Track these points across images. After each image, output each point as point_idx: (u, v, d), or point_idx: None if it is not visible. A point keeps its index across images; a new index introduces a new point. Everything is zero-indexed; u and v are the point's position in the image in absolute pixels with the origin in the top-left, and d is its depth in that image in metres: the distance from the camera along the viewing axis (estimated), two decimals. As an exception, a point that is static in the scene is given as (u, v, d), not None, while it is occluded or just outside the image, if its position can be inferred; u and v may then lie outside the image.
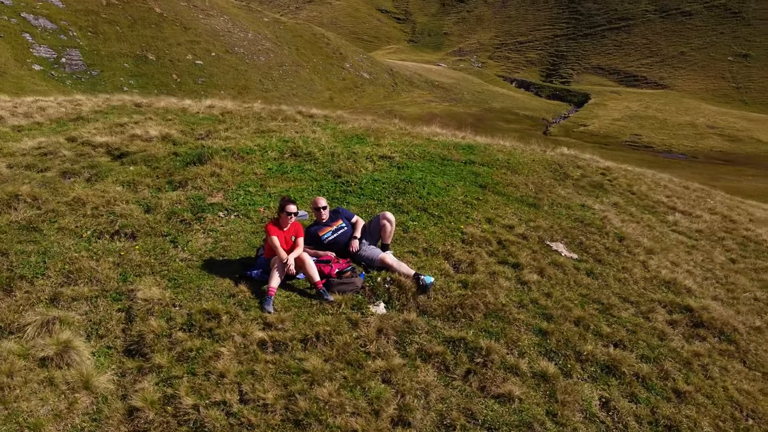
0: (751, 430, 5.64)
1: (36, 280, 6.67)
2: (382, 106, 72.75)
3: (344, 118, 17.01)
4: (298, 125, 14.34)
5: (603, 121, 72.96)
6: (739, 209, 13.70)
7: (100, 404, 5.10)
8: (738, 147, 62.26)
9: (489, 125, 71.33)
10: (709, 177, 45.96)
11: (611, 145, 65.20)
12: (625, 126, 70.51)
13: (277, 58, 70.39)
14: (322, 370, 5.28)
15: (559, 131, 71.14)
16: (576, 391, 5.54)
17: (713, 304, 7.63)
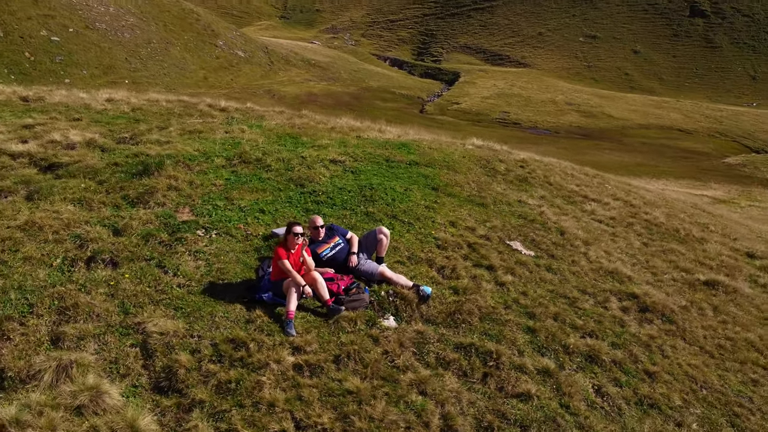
0: (707, 398, 6.82)
1: (26, 320, 6.35)
2: (260, 85, 71.15)
3: (257, 111, 16.87)
4: (221, 123, 14.11)
5: (474, 99, 76.52)
6: (633, 193, 15.51)
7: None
8: (593, 122, 68.22)
9: (367, 104, 72.33)
10: (574, 152, 50.22)
11: (483, 122, 68.78)
12: (495, 104, 74.51)
13: (144, 35, 66.13)
14: (365, 389, 5.66)
15: (435, 109, 73.68)
16: (575, 382, 6.38)
17: (650, 289, 8.89)
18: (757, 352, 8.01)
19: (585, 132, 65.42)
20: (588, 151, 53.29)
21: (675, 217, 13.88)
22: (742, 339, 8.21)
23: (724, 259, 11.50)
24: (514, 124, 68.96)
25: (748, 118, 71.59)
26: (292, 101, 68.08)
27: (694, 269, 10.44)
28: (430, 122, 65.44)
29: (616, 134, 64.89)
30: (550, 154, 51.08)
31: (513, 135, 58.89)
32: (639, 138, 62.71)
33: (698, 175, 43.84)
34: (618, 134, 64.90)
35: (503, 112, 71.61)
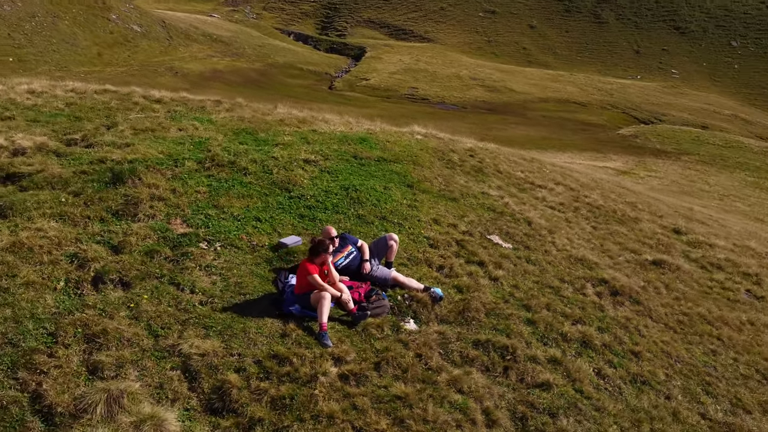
0: (683, 371, 7.86)
1: (54, 350, 6.24)
2: (161, 62, 67.89)
3: (193, 102, 16.49)
4: (167, 119, 13.74)
5: (381, 74, 77.00)
6: (568, 176, 16.72)
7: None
8: (497, 97, 70.81)
9: (275, 81, 71.04)
10: (483, 127, 52.12)
11: (393, 98, 69.57)
12: (402, 79, 75.38)
13: (26, 8, 60.94)
14: (411, 393, 6.12)
15: (344, 86, 73.54)
16: (579, 368, 7.17)
17: (614, 272, 9.90)
18: (710, 325, 9.22)
19: (490, 107, 67.79)
20: (496, 125, 55.38)
21: (608, 198, 15.18)
22: (695, 314, 9.40)
23: (660, 237, 12.84)
24: (422, 100, 70.20)
25: (634, 90, 77.02)
26: (197, 79, 65.57)
27: (640, 249, 11.63)
28: (340, 99, 65.36)
29: (519, 108, 67.78)
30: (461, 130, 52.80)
31: (423, 111, 60.11)
32: (540, 111, 65.85)
33: (598, 147, 46.96)
34: (521, 108, 67.81)
35: (411, 87, 72.63)
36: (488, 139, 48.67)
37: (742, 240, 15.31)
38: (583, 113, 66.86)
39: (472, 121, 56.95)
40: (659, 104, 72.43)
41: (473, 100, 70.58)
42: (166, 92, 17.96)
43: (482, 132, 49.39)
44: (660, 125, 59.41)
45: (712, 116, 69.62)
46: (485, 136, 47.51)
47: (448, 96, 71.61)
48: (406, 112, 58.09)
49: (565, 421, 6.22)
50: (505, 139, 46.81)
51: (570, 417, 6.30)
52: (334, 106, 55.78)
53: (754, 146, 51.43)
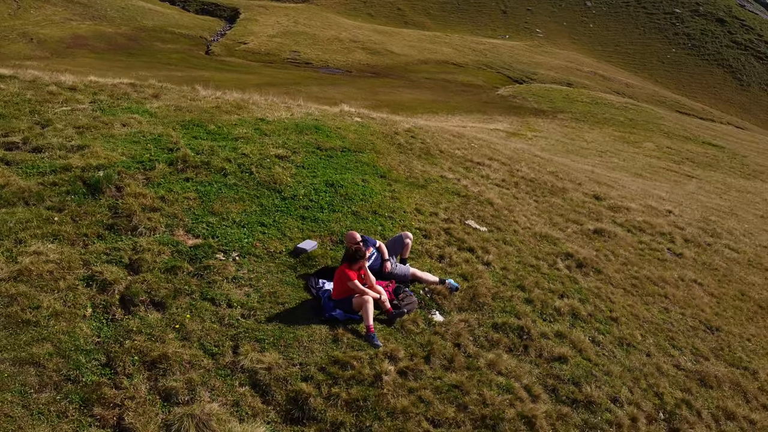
0: (651, 329, 9.28)
1: (118, 381, 6.29)
2: (12, 27, 61.37)
3: (106, 86, 15.75)
4: (98, 111, 13.15)
5: (260, 38, 74.81)
6: (489, 149, 17.94)
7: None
8: (380, 60, 71.53)
9: (147, 47, 66.75)
10: (373, 92, 52.84)
11: (275, 63, 68.08)
12: (283, 43, 73.76)
13: None
14: (464, 381, 6.88)
15: (222, 51, 70.71)
16: (579, 338, 8.30)
17: (572, 245, 11.19)
18: (655, 285, 10.80)
19: (374, 70, 68.43)
20: (384, 89, 56.22)
21: (535, 170, 16.61)
22: (643, 276, 10.95)
23: (589, 206, 14.43)
24: (306, 64, 69.31)
25: (505, 50, 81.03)
26: (58, 46, 60.09)
27: (580, 220, 13.08)
28: (222, 66, 63.02)
29: (402, 71, 69.06)
30: (353, 95, 53.19)
31: (310, 76, 59.59)
32: (422, 74, 67.55)
33: (483, 109, 49.40)
34: (403, 71, 69.11)
35: (293, 51, 71.33)
36: (382, 104, 49.65)
37: (644, 200, 17.45)
38: (462, 74, 69.47)
39: (361, 86, 57.36)
40: (528, 63, 76.92)
41: (357, 64, 70.78)
42: (71, 76, 16.81)
43: (374, 97, 50.13)
44: (533, 85, 63.24)
45: (575, 74, 75.13)
46: (378, 101, 48.36)
47: (331, 60, 71.18)
48: (294, 78, 57.28)
49: (588, 388, 7.32)
50: (397, 104, 47.86)
51: (591, 384, 7.41)
52: (217, 73, 53.76)
53: (616, 102, 56.51)
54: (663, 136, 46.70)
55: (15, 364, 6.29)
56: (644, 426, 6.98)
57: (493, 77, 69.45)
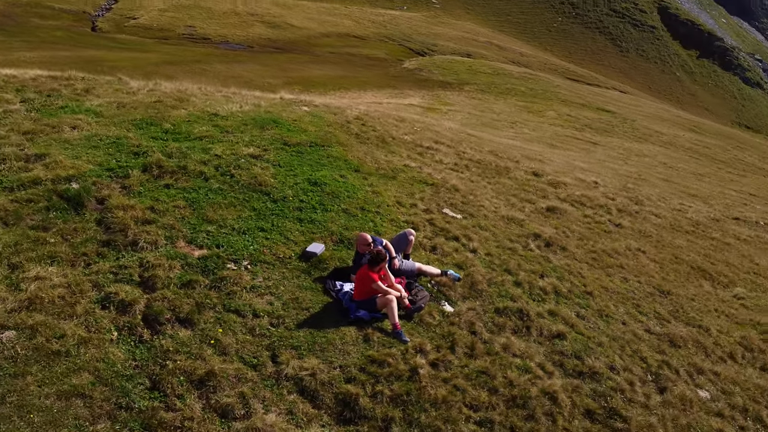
0: (619, 298, 10.36)
1: (171, 403, 6.38)
2: None
3: (26, 81, 14.92)
4: (35, 111, 12.54)
5: (151, 12, 70.92)
6: (431, 131, 18.59)
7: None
8: (281, 34, 70.05)
9: (23, 23, 61.51)
10: (280, 69, 51.99)
11: (171, 39, 64.93)
12: (176, 17, 70.37)
13: None
14: (487, 366, 7.52)
15: (111, 26, 66.42)
16: (567, 314, 9.18)
17: (536, 225, 12.09)
18: (610, 257, 11.96)
19: (277, 45, 66.97)
20: (292, 66, 55.40)
21: (477, 150, 17.46)
22: (599, 249, 12.08)
23: (534, 184, 15.47)
24: (204, 40, 66.61)
25: (404, 21, 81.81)
26: None
27: (532, 199, 14.07)
28: (114, 44, 59.31)
29: (305, 45, 68.10)
30: (261, 73, 52.12)
31: (210, 53, 57.47)
32: (326, 48, 66.97)
33: (393, 83, 50.01)
34: (306, 45, 68.16)
35: (188, 26, 68.25)
36: (293, 82, 49.01)
37: (573, 173, 18.85)
38: (365, 48, 69.53)
39: (267, 63, 56.15)
40: (427, 35, 78.17)
41: (258, 38, 68.93)
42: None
43: (284, 75, 49.35)
44: (436, 57, 64.53)
45: (472, 44, 77.35)
46: (290, 79, 47.70)
47: (230, 35, 68.86)
48: (195, 56, 55.09)
49: (589, 360, 8.21)
50: (308, 81, 47.47)
51: (590, 356, 8.30)
52: (110, 52, 50.59)
53: (515, 72, 59.03)
54: (561, 104, 49.47)
55: (61, 398, 6.21)
56: (640, 388, 7.98)
57: (396, 50, 70.07)
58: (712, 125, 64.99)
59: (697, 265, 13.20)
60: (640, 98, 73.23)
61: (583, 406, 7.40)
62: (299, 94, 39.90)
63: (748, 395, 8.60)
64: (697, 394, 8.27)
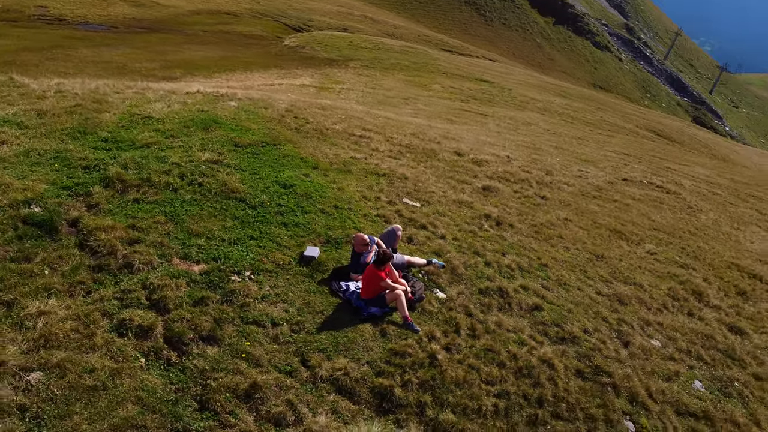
0: (568, 267, 11.64)
1: (224, 421, 6.63)
2: None
3: None
4: None
5: (-9, -9, 63.97)
6: (356, 119, 19.04)
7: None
8: (146, 12, 66.01)
9: None
10: (156, 51, 49.43)
11: (21, 21, 59.18)
12: (24, -4, 64.05)
13: None
14: (491, 344, 8.38)
15: (-55, 10, 59.25)
16: (535, 287, 10.27)
17: (483, 206, 13.10)
18: (549, 229, 13.26)
19: (143, 25, 63.13)
20: (167, 48, 52.78)
21: (403, 135, 18.18)
22: (538, 223, 13.34)
23: (462, 164, 16.51)
24: (60, 21, 61.32)
25: (276, -5, 79.96)
26: None
27: (466, 179, 15.09)
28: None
29: (174, 24, 64.82)
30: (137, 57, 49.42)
31: (71, 36, 53.20)
32: (198, 26, 64.17)
33: (278, 63, 49.28)
34: (175, 23, 64.90)
35: (40, 6, 62.39)
36: (173, 65, 46.94)
37: (486, 148, 20.19)
38: (240, 25, 67.47)
39: (139, 45, 53.01)
40: (302, 9, 77.22)
41: (121, 18, 64.57)
42: None
43: (162, 58, 47.04)
44: (315, 33, 64.13)
45: (348, 18, 77.54)
46: (169, 62, 45.62)
47: (90, 14, 63.92)
48: (55, 40, 50.86)
49: (566, 326, 9.33)
50: (190, 64, 45.64)
51: (567, 323, 9.44)
52: None
53: (395, 46, 60.24)
54: (444, 76, 51.40)
55: (115, 431, 6.22)
56: (611, 345, 9.25)
57: (272, 26, 68.63)
58: (574, 89, 70.55)
59: (613, 228, 14.94)
60: (508, 66, 77.62)
61: (573, 367, 8.52)
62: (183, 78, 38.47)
63: (687, 339, 10.23)
64: (651, 344, 9.72)
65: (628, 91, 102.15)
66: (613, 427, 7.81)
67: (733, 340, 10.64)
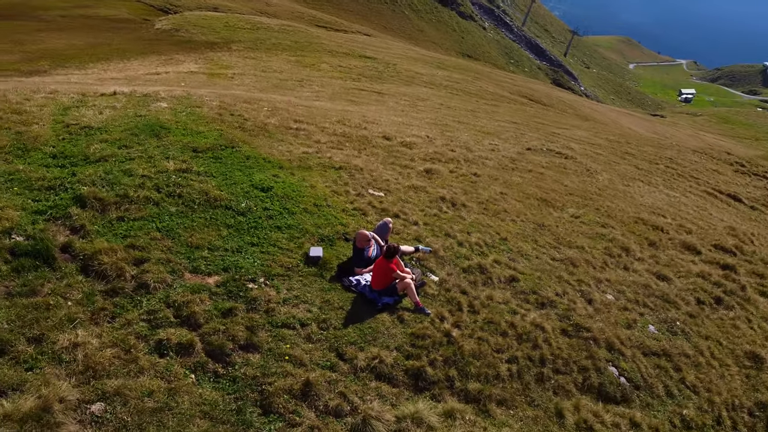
0: (522, 238, 12.92)
1: (291, 420, 7.13)
2: None
3: None
4: None
5: None
6: (286, 111, 19.15)
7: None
8: (-10, -3, 59.65)
9: None
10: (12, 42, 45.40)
11: None
12: None
13: None
14: (494, 317, 9.40)
15: None
16: (505, 260, 11.42)
17: (435, 189, 14.04)
18: (495, 205, 14.49)
19: (-9, 11, 57.14)
20: (22, 36, 48.42)
21: (331, 124, 18.63)
22: (483, 200, 14.52)
23: (396, 148, 17.33)
24: None
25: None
26: None
27: (407, 163, 15.95)
28: None
29: (25, 8, 59.27)
30: None
31: None
32: (54, 11, 59.11)
33: (155, 49, 46.91)
34: (27, 8, 59.36)
35: None
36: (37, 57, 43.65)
37: (404, 130, 21.14)
38: (101, 7, 62.96)
39: (-5, 36, 48.16)
40: (167, -12, 73.21)
41: (-40, 6, 58.01)
42: None
43: (21, 49, 43.39)
44: (187, 14, 61.46)
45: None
46: (27, 53, 42.29)
47: None
48: None
49: (542, 293, 10.57)
50: (55, 55, 42.57)
51: (542, 288, 10.68)
52: None
53: (274, 26, 59.28)
54: (329, 55, 51.58)
55: (198, 447, 6.52)
56: (581, 304, 10.64)
57: (136, 7, 64.68)
58: (450, 60, 73.42)
59: (539, 197, 16.55)
60: (385, 40, 78.91)
61: (559, 328, 9.79)
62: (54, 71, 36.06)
63: (632, 290, 11.92)
64: (608, 298, 11.28)
65: (494, 58, 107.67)
66: (601, 374, 9.18)
67: (662, 286, 12.52)
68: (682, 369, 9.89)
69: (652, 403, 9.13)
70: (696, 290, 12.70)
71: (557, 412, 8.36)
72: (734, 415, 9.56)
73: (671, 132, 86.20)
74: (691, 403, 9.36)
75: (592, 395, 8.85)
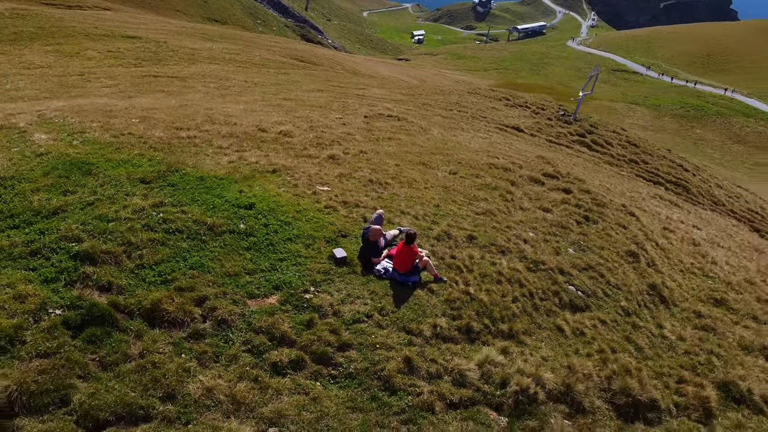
0: (449, 201, 15.15)
1: (419, 385, 8.64)
2: None
3: None
4: None
5: None
6: (155, 116, 18.38)
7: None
8: None
9: None
10: None
11: None
12: None
13: None
14: (485, 271, 11.59)
15: None
16: (460, 224, 13.62)
17: (353, 172, 15.48)
18: (402, 177, 16.36)
19: None
20: None
21: (222, 125, 18.54)
22: (393, 175, 16.32)
23: (282, 140, 18.11)
24: None
25: None
26: None
27: (310, 154, 16.96)
28: None
29: None
30: None
31: None
32: None
33: None
34: None
35: None
36: None
37: (263, 120, 21.69)
38: None
39: None
40: None
41: None
42: None
43: None
44: None
45: None
46: None
47: None
48: None
49: (497, 243, 13.01)
50: None
51: (494, 240, 13.10)
52: None
53: (4, 11, 51.65)
54: (86, 39, 47.33)
55: None
56: (524, 246, 13.35)
57: None
58: (211, 29, 71.07)
59: (418, 161, 18.90)
60: (131, 14, 73.08)
61: (524, 267, 12.39)
62: None
63: (539, 225, 15.05)
64: (530, 235, 14.22)
65: (242, 20, 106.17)
66: (567, 293, 12.08)
67: (550, 216, 15.93)
68: (604, 275, 13.31)
69: (601, 305, 12.34)
70: (570, 214, 16.39)
71: (557, 327, 11.04)
72: (640, 297, 13.29)
73: (424, 74, 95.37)
74: (621, 296, 12.82)
75: (570, 309, 11.72)
